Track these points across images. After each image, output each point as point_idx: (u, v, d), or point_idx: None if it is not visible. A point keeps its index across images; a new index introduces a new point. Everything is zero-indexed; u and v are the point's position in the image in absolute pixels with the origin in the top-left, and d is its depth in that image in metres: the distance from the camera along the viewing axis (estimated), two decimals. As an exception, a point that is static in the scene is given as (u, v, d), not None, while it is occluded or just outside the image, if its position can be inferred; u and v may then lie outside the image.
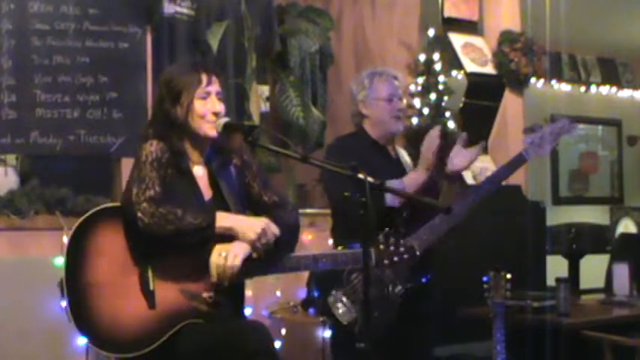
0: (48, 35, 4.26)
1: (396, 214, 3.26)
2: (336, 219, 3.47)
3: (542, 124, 3.47)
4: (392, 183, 3.17)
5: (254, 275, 2.64)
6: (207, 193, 2.68)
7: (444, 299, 3.57)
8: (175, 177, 2.61)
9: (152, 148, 2.59)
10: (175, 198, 2.56)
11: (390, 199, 3.23)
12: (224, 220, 2.53)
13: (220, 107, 2.64)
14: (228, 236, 2.54)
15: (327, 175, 3.34)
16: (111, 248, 2.51)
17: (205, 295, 2.54)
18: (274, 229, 2.57)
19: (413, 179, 3.29)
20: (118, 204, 2.56)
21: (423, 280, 3.34)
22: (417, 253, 2.70)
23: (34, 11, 4.24)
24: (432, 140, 3.30)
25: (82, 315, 2.46)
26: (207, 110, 2.62)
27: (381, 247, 2.60)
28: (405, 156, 3.62)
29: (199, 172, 2.69)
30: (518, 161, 3.44)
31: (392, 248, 2.61)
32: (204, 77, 2.63)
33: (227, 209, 2.64)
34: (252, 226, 2.54)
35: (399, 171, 3.44)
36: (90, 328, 2.46)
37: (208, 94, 2.63)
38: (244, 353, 2.42)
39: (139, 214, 2.47)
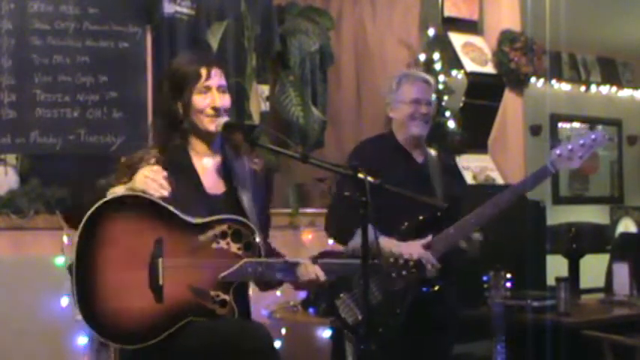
0: (48, 35, 4.26)
1: None
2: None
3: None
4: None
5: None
6: (216, 184, 2.69)
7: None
8: (175, 173, 2.62)
9: (136, 154, 2.67)
10: (175, 196, 2.58)
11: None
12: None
13: (222, 101, 2.64)
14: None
15: None
16: (124, 237, 2.50)
17: (212, 293, 2.55)
18: None
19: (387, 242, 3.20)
20: (128, 193, 2.53)
21: (438, 284, 3.34)
22: (423, 265, 2.70)
23: (34, 11, 4.24)
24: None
25: (89, 304, 2.46)
26: (207, 105, 2.63)
27: (391, 260, 2.61)
28: (433, 159, 3.57)
29: (208, 163, 2.70)
30: (542, 174, 3.31)
31: (401, 262, 2.62)
32: (203, 72, 2.64)
33: (237, 201, 2.65)
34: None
35: (422, 177, 3.41)
36: (95, 317, 2.47)
37: (208, 88, 2.64)
38: (243, 352, 2.42)
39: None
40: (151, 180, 2.49)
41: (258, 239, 2.58)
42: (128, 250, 2.50)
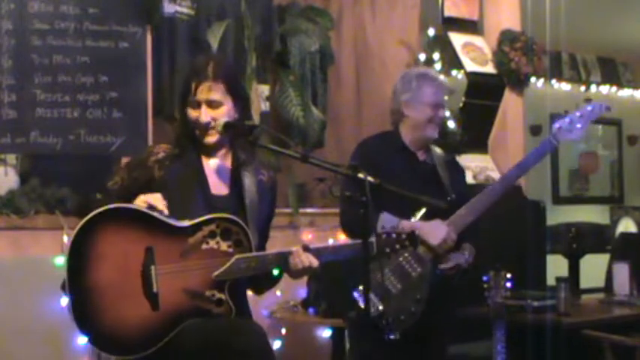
0: (48, 35, 4.26)
1: None
2: None
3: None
4: (388, 220, 3.17)
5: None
6: (220, 185, 2.69)
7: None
8: (180, 171, 2.64)
9: (146, 150, 2.72)
10: (177, 190, 2.59)
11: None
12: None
13: (207, 117, 2.63)
14: None
15: None
16: (113, 250, 2.49)
17: (207, 293, 2.55)
18: None
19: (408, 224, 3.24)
20: (120, 205, 2.53)
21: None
22: (416, 237, 2.70)
23: (34, 11, 4.24)
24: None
25: (85, 316, 2.45)
26: (195, 119, 2.64)
27: (383, 236, 2.60)
28: (439, 156, 3.56)
29: (215, 164, 2.70)
30: (544, 148, 3.39)
31: (393, 236, 2.62)
32: (193, 86, 2.64)
33: (242, 205, 2.66)
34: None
35: (427, 174, 3.42)
36: (92, 329, 2.46)
37: (197, 103, 2.64)
38: (235, 352, 2.42)
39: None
40: (152, 200, 2.52)
41: (248, 235, 2.57)
42: (120, 261, 2.49)
